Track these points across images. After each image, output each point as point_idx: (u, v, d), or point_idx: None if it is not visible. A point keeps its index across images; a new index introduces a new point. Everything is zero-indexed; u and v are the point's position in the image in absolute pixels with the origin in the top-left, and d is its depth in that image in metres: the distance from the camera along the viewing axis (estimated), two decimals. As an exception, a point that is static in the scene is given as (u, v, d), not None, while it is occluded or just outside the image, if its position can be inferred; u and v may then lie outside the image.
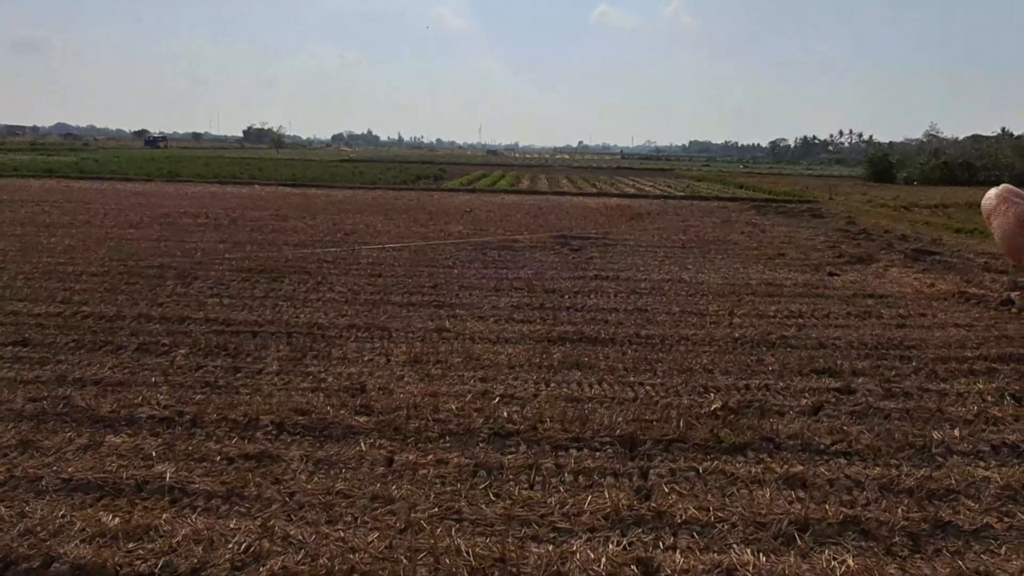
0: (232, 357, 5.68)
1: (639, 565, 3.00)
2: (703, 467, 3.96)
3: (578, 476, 3.84)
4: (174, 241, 11.42)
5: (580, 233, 14.08)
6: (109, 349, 5.75)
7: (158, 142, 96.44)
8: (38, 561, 2.92)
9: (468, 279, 9.03)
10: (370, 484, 3.66)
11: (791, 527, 3.35)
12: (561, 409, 4.71)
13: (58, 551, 2.97)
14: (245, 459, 3.90)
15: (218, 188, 24.03)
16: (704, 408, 4.81)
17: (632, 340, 6.43)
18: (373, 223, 14.89)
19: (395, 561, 2.98)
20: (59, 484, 3.57)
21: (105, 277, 8.42)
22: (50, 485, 3.55)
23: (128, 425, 4.32)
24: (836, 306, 8.07)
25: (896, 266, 11.14)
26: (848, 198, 27.68)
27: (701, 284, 9.16)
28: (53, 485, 3.55)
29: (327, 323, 6.71)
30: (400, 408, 4.65)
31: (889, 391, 5.25)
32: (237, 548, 3.02)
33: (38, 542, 3.04)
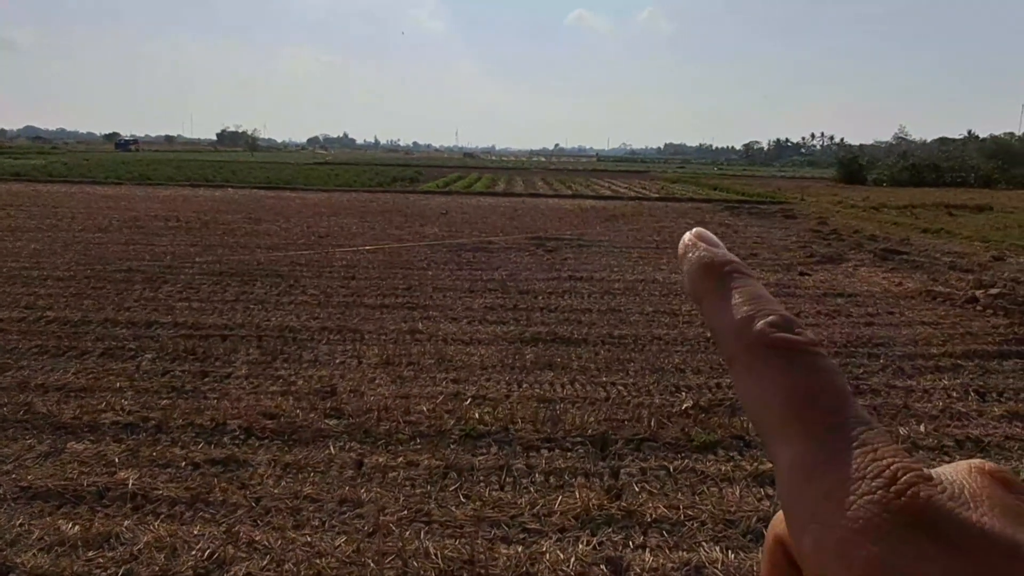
0: (200, 361, 5.59)
1: (608, 564, 3.00)
2: (674, 466, 3.97)
3: (549, 476, 3.84)
4: (143, 245, 11.23)
5: (555, 234, 14.10)
6: (73, 354, 5.63)
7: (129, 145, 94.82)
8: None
9: (442, 281, 8.99)
10: (339, 488, 3.62)
11: (760, 524, 3.37)
12: (533, 410, 4.70)
13: (15, 560, 2.90)
14: (211, 464, 3.84)
15: (190, 191, 23.68)
16: (675, 407, 4.83)
17: (605, 340, 6.44)
18: (348, 226, 14.78)
19: (362, 565, 2.95)
20: (17, 492, 3.48)
21: (71, 282, 8.25)
22: (8, 493, 3.47)
23: (91, 431, 4.22)
24: (807, 305, 8.17)
25: (865, 265, 11.31)
26: (819, 199, 28.07)
27: (674, 284, 9.21)
28: (11, 493, 3.47)
29: (299, 326, 6.64)
30: (371, 410, 4.61)
31: (857, 388, 5.32)
32: (201, 555, 2.96)
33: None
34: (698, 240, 0.37)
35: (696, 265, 0.36)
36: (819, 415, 0.29)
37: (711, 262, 0.36)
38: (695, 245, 0.37)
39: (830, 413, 0.29)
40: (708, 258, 0.36)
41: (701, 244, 0.37)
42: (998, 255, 12.53)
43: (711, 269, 0.35)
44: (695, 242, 0.37)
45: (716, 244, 0.37)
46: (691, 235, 0.38)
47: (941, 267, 11.17)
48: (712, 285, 0.35)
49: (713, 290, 0.35)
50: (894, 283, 9.70)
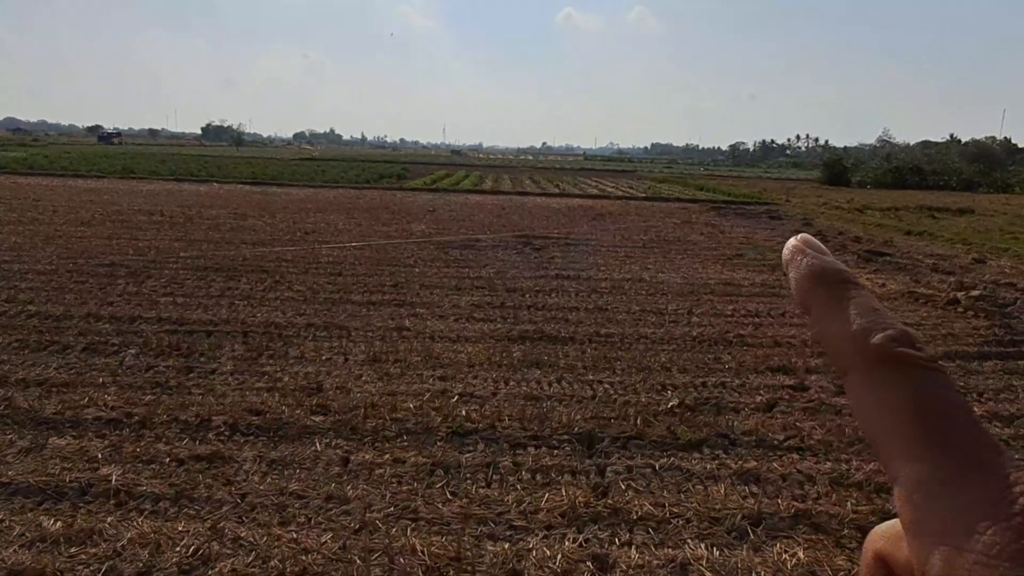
0: (185, 357, 5.55)
1: (594, 561, 3.01)
2: (659, 464, 3.99)
3: (536, 474, 3.84)
4: (127, 239, 11.12)
5: (542, 233, 14.11)
6: (55, 349, 5.57)
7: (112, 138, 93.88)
8: (-27, 568, 2.81)
9: (429, 278, 8.97)
10: (325, 484, 3.61)
11: (744, 521, 3.40)
12: (520, 407, 4.70)
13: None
14: (196, 460, 3.81)
15: (174, 185, 23.46)
16: (662, 406, 4.85)
17: (592, 339, 6.46)
18: (334, 222, 14.71)
19: (348, 562, 2.94)
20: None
21: (53, 275, 8.15)
22: (-12, 489, 3.42)
23: (73, 427, 4.18)
24: (792, 305, 8.23)
25: (849, 267, 11.37)
26: (804, 200, 28.29)
27: (661, 283, 9.26)
28: (-9, 489, 3.42)
29: (284, 322, 6.60)
30: (357, 407, 4.59)
31: (841, 388, 5.36)
32: (185, 551, 2.94)
33: (-27, 549, 2.92)
34: (806, 247, 0.36)
35: (806, 272, 0.35)
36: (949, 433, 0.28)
37: (823, 270, 0.35)
38: (803, 251, 0.36)
39: (960, 432, 0.28)
40: (819, 266, 0.35)
41: (809, 251, 0.36)
42: (979, 257, 12.69)
43: (823, 277, 0.35)
44: (803, 248, 0.36)
45: (824, 252, 0.36)
46: (798, 241, 0.37)
47: (923, 269, 11.30)
48: (824, 294, 0.34)
49: (825, 299, 0.34)
50: (877, 284, 9.79)
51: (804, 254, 0.36)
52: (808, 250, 0.36)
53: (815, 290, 0.34)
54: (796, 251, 0.36)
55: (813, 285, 0.34)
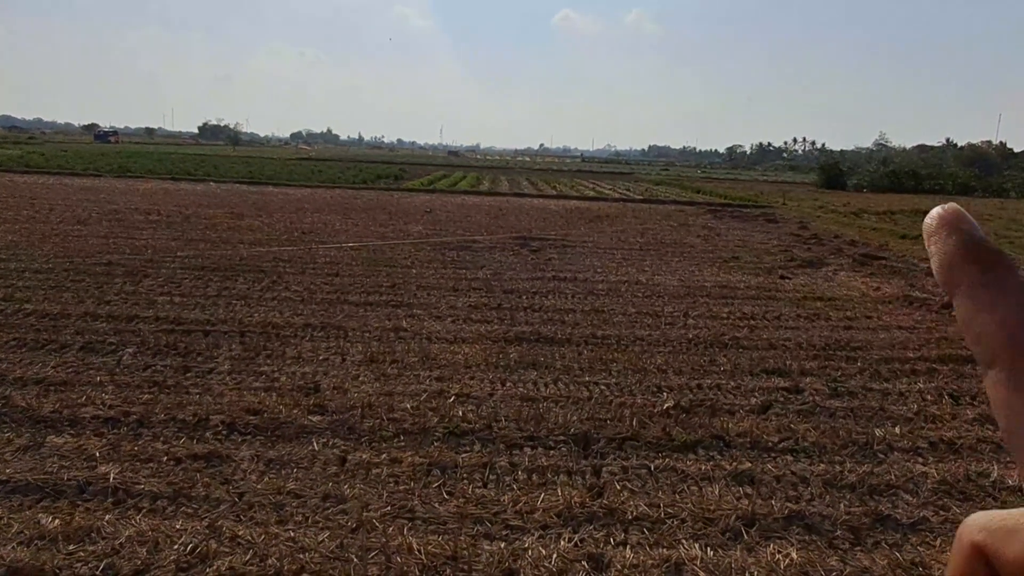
0: (182, 356, 5.56)
1: (590, 561, 3.04)
2: (655, 465, 4.02)
3: (532, 474, 3.87)
4: (123, 238, 11.11)
5: (539, 234, 14.14)
6: (52, 348, 5.57)
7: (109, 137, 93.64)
8: (-29, 565, 2.82)
9: (426, 279, 8.99)
10: (322, 484, 3.63)
11: (738, 522, 3.43)
12: (516, 408, 4.73)
13: (-7, 555, 2.87)
14: (193, 459, 3.83)
15: (171, 185, 23.44)
16: (657, 407, 4.88)
17: (588, 340, 6.49)
18: (331, 222, 14.72)
19: (346, 560, 2.96)
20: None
21: (50, 274, 8.15)
22: (-14, 487, 3.43)
23: (71, 425, 4.19)
24: (787, 308, 8.27)
25: (845, 270, 11.47)
26: (801, 204, 28.38)
27: (657, 286, 9.29)
28: (-11, 487, 3.43)
29: (282, 322, 6.61)
30: (354, 407, 4.61)
31: (835, 391, 5.41)
32: (183, 549, 2.96)
33: (-28, 546, 2.94)
34: (955, 220, 0.32)
35: (958, 248, 0.31)
36: None
37: (979, 248, 0.31)
38: (953, 224, 0.32)
39: None
40: (973, 243, 0.31)
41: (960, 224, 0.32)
42: (973, 262, 12.74)
43: (979, 256, 0.31)
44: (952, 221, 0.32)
45: (975, 226, 0.32)
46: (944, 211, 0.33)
47: (919, 273, 11.35)
48: (978, 275, 0.30)
49: (979, 282, 0.30)
50: (872, 288, 9.85)
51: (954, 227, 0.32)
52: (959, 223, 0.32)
53: (967, 269, 0.31)
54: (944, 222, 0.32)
55: (965, 264, 0.31)
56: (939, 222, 0.32)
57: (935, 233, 0.32)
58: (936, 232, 0.32)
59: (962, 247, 0.31)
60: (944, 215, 0.32)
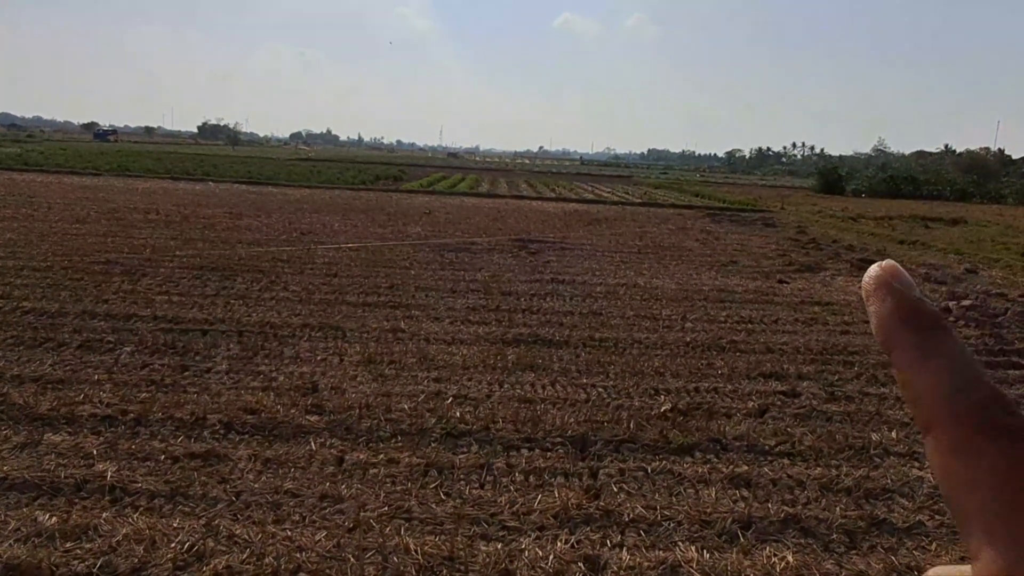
0: (180, 355, 5.56)
1: (586, 562, 3.05)
2: (652, 467, 4.03)
3: (529, 476, 3.88)
4: (122, 237, 11.11)
5: (538, 237, 14.15)
6: (50, 346, 5.57)
7: (108, 135, 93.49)
8: (-32, 562, 2.82)
9: (425, 280, 9.00)
10: (319, 483, 3.63)
11: (735, 525, 3.43)
12: (514, 410, 4.73)
13: (-10, 552, 2.87)
14: (191, 458, 3.83)
15: (170, 184, 23.43)
16: (654, 410, 4.89)
17: (586, 343, 6.50)
18: (330, 223, 14.72)
19: (343, 560, 2.96)
20: (-7, 483, 3.45)
21: (48, 272, 8.15)
22: (-17, 484, 3.43)
23: (68, 423, 4.19)
24: (784, 312, 8.29)
25: (842, 275, 11.49)
26: (799, 208, 28.43)
27: (655, 289, 9.31)
28: (-14, 484, 3.43)
29: (280, 322, 6.62)
30: (352, 408, 4.62)
31: (832, 395, 5.42)
32: (180, 547, 2.96)
33: (-31, 543, 2.94)
34: (891, 279, 0.32)
35: (893, 311, 0.31)
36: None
37: (913, 311, 0.31)
38: (889, 285, 0.32)
39: None
40: (909, 306, 0.31)
41: (896, 286, 0.32)
42: (971, 268, 12.80)
43: (913, 319, 0.31)
44: (889, 281, 0.32)
45: (912, 286, 0.32)
46: (881, 270, 0.33)
47: (916, 278, 11.24)
48: (913, 339, 0.30)
49: (914, 345, 0.30)
50: (870, 293, 9.85)
51: (890, 289, 0.32)
52: (895, 284, 0.32)
53: (902, 333, 0.31)
54: (881, 283, 0.32)
55: (901, 327, 0.31)
56: (876, 282, 0.32)
57: (873, 293, 0.32)
58: (874, 292, 0.32)
59: (897, 309, 0.31)
60: (882, 275, 0.32)
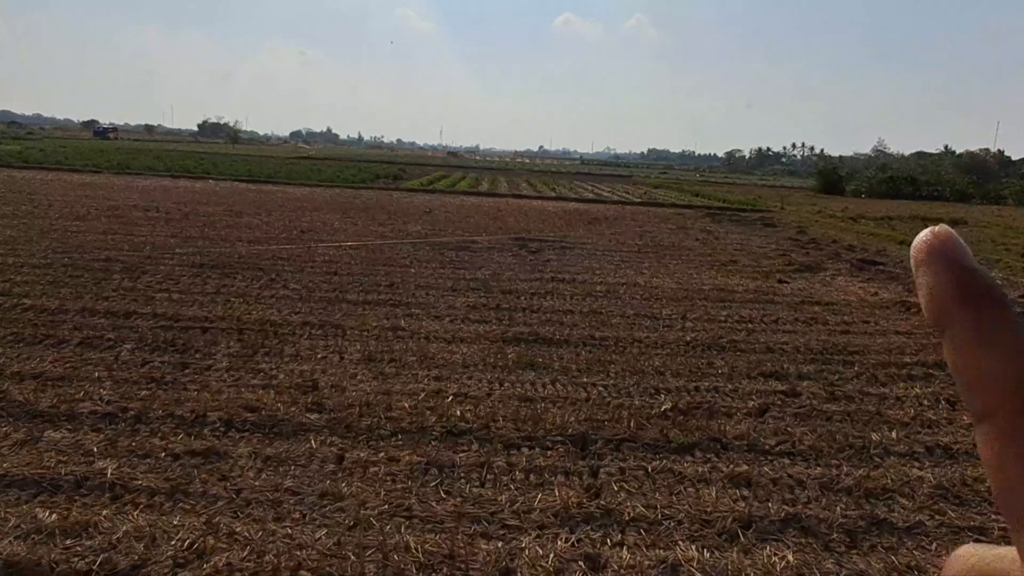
0: (180, 353, 5.55)
1: (587, 561, 3.04)
2: (652, 466, 4.03)
3: (529, 474, 3.87)
4: (122, 235, 11.10)
5: (538, 236, 14.15)
6: (50, 343, 5.57)
7: (108, 133, 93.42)
8: (-32, 559, 2.82)
9: (425, 279, 9.00)
10: (320, 481, 3.63)
11: (735, 524, 3.43)
12: (514, 408, 4.73)
13: (-10, 548, 2.87)
14: (191, 456, 3.83)
15: (170, 182, 23.42)
16: (655, 409, 4.89)
17: (586, 342, 6.49)
18: (330, 221, 14.72)
19: (343, 558, 2.96)
20: (-7, 480, 3.44)
21: (48, 269, 8.14)
22: (-17, 481, 3.43)
23: (69, 420, 4.19)
24: (784, 312, 8.29)
25: (842, 275, 11.49)
26: (799, 208, 28.43)
27: (655, 288, 9.30)
28: (-14, 481, 3.43)
29: (280, 320, 6.61)
30: (352, 406, 4.61)
31: (832, 394, 5.42)
32: (180, 545, 2.96)
33: (-32, 539, 2.93)
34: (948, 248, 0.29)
35: (951, 285, 0.28)
36: None
37: (974, 284, 0.28)
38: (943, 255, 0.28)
39: None
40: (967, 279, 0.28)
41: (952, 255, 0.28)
42: (971, 268, 12.77)
43: (973, 294, 0.27)
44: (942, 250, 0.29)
45: (970, 256, 0.29)
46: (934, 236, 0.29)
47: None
48: (973, 316, 0.27)
49: (972, 324, 0.27)
50: (870, 293, 9.87)
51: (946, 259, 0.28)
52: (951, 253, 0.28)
53: (960, 310, 0.27)
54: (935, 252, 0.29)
55: (959, 303, 0.28)
56: (929, 250, 0.29)
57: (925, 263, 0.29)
58: (926, 262, 0.29)
59: (956, 282, 0.28)
60: (934, 242, 0.29)
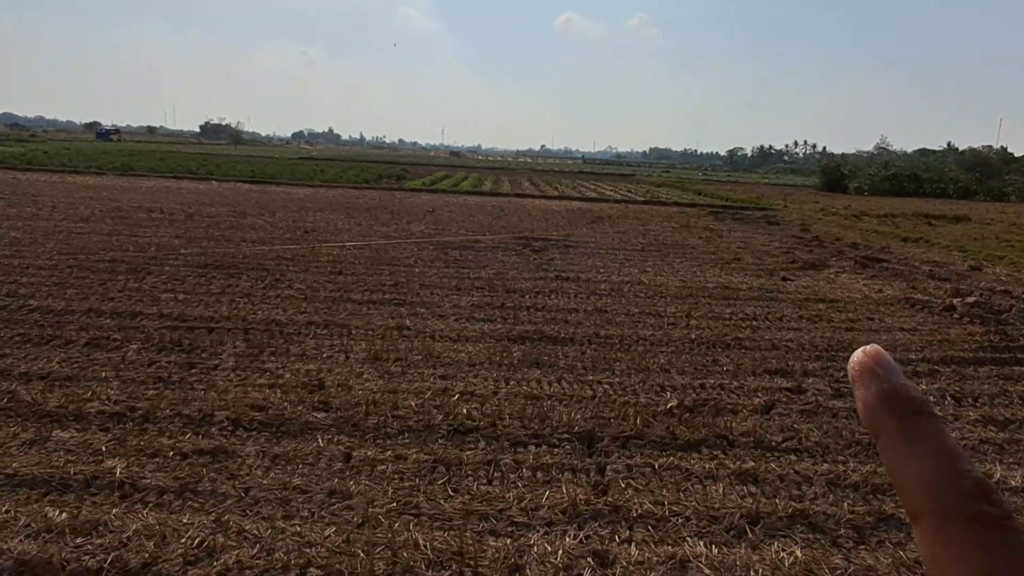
0: (187, 353, 5.57)
1: (595, 557, 3.05)
2: (659, 463, 4.03)
3: (536, 472, 3.88)
4: (126, 236, 11.13)
5: (542, 235, 14.15)
6: (57, 344, 5.58)
7: (110, 135, 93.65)
8: (-20, 557, 2.83)
9: (429, 278, 9.01)
10: (327, 479, 3.64)
11: (743, 520, 3.44)
12: (520, 406, 4.74)
13: (1, 546, 2.89)
14: (199, 455, 3.84)
15: (174, 183, 23.46)
16: (661, 406, 4.89)
17: (591, 340, 6.50)
18: (334, 221, 14.74)
19: (352, 555, 2.97)
20: (2, 480, 3.46)
21: (53, 271, 8.17)
22: (-7, 480, 3.44)
23: (77, 420, 4.20)
24: (789, 310, 8.28)
25: (846, 272, 11.47)
26: (802, 206, 28.39)
27: (659, 286, 9.30)
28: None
29: (285, 320, 6.62)
30: (359, 404, 4.62)
31: (838, 391, 5.42)
32: (190, 543, 2.97)
33: (-20, 538, 2.95)
34: (876, 365, 0.32)
35: (877, 398, 0.32)
36: None
37: (896, 398, 0.31)
38: (872, 371, 0.32)
39: None
40: (891, 393, 0.31)
41: (879, 371, 0.32)
42: (975, 265, 12.77)
43: (895, 406, 0.31)
44: (873, 367, 0.32)
45: (896, 370, 0.32)
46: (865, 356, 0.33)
47: (920, 275, 11.37)
48: (896, 427, 0.31)
49: (897, 432, 0.31)
50: (874, 290, 9.86)
51: (874, 374, 0.32)
52: (878, 369, 0.32)
53: (887, 419, 0.31)
54: (865, 369, 0.32)
55: (884, 414, 0.31)
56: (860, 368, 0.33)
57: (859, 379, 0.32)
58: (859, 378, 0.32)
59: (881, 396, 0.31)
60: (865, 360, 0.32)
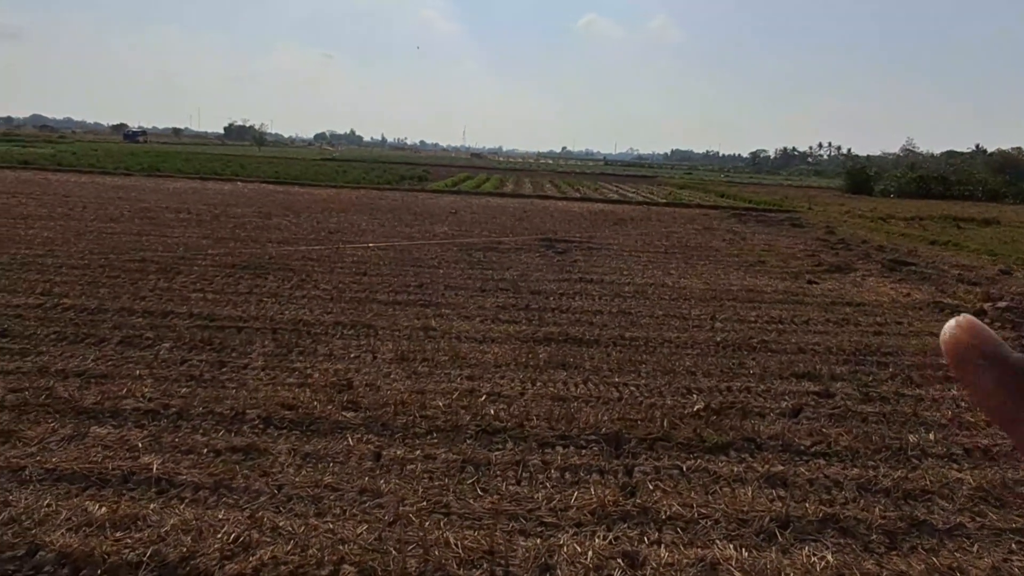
0: (217, 352, 5.66)
1: (625, 558, 3.06)
2: (687, 465, 4.03)
3: (564, 473, 3.89)
4: (156, 236, 11.32)
5: (564, 236, 14.15)
6: (91, 341, 5.70)
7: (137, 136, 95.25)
8: (23, 549, 2.91)
9: (453, 279, 9.05)
10: (358, 478, 3.68)
11: (772, 524, 3.42)
12: (547, 407, 4.75)
13: (43, 540, 2.96)
14: (232, 452, 3.90)
15: (199, 184, 23.79)
16: (687, 409, 4.88)
17: (616, 342, 6.50)
18: (357, 222, 14.86)
19: (385, 553, 3.00)
20: (43, 474, 3.54)
21: (86, 270, 8.33)
22: (34, 475, 3.53)
23: (113, 417, 4.29)
24: (815, 313, 8.21)
25: (873, 275, 11.34)
26: (827, 209, 28.08)
27: (683, 289, 9.27)
28: (37, 475, 3.53)
29: (312, 320, 6.70)
30: (387, 404, 4.67)
31: (867, 395, 5.37)
32: (226, 538, 3.02)
33: (22, 531, 3.03)
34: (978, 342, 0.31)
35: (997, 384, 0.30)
36: None
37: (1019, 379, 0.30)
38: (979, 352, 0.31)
39: None
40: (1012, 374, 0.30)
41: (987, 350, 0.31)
42: (1005, 269, 12.55)
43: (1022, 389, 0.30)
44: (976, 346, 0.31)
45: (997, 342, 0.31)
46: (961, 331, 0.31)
47: (949, 279, 11.21)
48: None
49: None
50: (902, 294, 9.74)
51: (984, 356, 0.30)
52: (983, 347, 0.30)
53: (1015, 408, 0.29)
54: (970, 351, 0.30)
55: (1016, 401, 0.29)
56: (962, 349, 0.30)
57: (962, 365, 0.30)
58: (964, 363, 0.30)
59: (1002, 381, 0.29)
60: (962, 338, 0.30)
